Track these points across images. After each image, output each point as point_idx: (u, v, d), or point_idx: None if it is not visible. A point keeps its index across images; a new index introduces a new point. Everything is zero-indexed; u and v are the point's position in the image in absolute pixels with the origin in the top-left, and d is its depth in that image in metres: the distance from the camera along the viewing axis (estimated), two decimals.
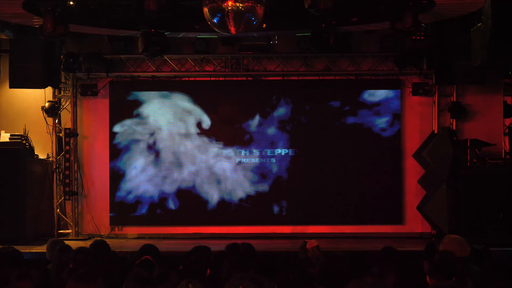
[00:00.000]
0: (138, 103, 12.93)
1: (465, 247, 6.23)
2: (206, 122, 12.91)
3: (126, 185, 12.90)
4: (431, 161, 12.14)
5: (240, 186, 12.88)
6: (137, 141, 12.93)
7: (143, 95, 12.96)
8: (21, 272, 4.76)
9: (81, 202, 13.03)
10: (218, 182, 12.87)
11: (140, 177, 12.93)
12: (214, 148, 12.88)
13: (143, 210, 12.86)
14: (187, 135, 12.91)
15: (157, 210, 12.87)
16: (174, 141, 12.90)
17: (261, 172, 12.87)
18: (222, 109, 12.93)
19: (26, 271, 4.76)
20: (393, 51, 12.63)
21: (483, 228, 11.20)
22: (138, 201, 12.88)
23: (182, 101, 12.93)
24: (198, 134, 12.90)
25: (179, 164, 12.91)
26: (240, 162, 12.88)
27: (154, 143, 12.92)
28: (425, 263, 5.77)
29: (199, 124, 12.90)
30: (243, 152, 12.87)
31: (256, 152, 12.87)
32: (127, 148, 12.95)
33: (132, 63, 13.09)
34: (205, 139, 12.89)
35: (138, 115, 12.92)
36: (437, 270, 5.10)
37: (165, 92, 12.96)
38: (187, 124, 12.91)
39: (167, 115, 12.94)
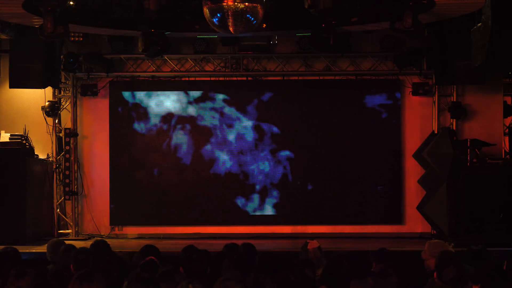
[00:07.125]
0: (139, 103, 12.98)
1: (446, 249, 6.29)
2: (207, 122, 12.91)
3: None
4: (431, 161, 12.12)
5: (240, 186, 12.88)
6: None
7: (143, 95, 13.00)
8: (19, 271, 4.75)
9: (81, 202, 13.02)
10: (218, 182, 12.86)
11: None
12: (214, 148, 12.87)
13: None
14: (187, 135, 12.91)
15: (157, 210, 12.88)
16: (174, 141, 12.93)
17: (261, 173, 12.86)
18: (222, 109, 12.93)
19: (24, 270, 4.76)
20: (393, 51, 12.64)
21: (483, 228, 11.19)
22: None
23: (183, 101, 12.97)
24: (198, 134, 12.91)
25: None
26: (240, 163, 12.87)
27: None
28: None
29: (199, 124, 12.91)
30: (242, 152, 12.86)
31: (256, 152, 12.87)
32: None
33: (132, 63, 13.09)
34: (206, 139, 12.89)
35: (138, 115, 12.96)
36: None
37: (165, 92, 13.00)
38: (187, 124, 12.92)
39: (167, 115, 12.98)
